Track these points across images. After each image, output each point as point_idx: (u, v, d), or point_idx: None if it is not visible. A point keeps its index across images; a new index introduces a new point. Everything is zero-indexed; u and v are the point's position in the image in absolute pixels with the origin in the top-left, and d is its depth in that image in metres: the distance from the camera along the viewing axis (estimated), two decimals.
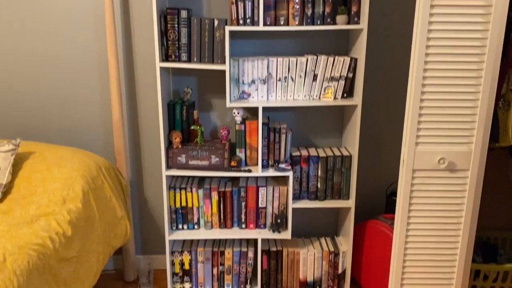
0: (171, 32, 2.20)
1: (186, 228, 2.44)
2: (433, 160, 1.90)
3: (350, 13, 2.19)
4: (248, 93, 2.31)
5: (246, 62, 2.25)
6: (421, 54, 1.78)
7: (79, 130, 2.54)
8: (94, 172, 2.13)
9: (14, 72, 2.45)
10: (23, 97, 2.49)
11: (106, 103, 2.51)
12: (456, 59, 1.79)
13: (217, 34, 2.19)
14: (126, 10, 2.38)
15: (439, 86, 1.82)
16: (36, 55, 2.44)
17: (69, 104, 2.51)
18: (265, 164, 2.36)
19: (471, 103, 1.84)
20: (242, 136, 2.36)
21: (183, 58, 2.24)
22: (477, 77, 1.81)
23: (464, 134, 1.88)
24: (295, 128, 2.56)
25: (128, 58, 2.45)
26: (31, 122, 2.52)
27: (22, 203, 1.83)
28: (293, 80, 2.29)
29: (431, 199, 1.96)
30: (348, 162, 2.36)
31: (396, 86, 2.52)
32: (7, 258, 1.49)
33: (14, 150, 1.99)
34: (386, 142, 2.60)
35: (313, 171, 2.37)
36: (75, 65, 2.45)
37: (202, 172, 2.32)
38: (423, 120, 1.86)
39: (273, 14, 2.18)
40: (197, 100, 2.51)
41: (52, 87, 2.48)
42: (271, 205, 2.41)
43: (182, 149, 2.31)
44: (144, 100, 2.52)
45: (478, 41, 1.76)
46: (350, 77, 2.28)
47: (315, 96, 2.31)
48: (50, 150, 2.18)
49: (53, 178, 1.97)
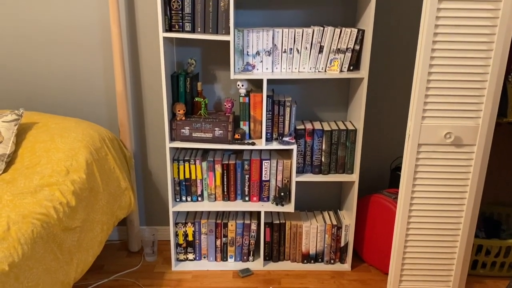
0: (174, 1, 2.15)
1: (189, 200, 2.45)
2: (439, 134, 1.88)
3: None
4: (253, 65, 2.27)
5: (251, 33, 2.21)
6: (430, 27, 1.74)
7: (82, 102, 2.53)
8: (98, 143, 2.12)
9: (17, 44, 2.42)
10: (27, 69, 2.47)
11: (109, 75, 2.48)
12: (466, 31, 1.74)
13: (221, 3, 2.14)
14: None
15: (448, 59, 1.78)
16: (38, 27, 2.40)
17: (72, 75, 2.48)
18: (269, 137, 2.35)
19: (480, 77, 1.80)
20: (246, 108, 2.33)
21: (186, 28, 2.20)
22: (487, 50, 1.76)
23: (471, 109, 1.85)
24: (300, 101, 2.53)
25: (131, 28, 2.41)
26: (35, 93, 2.51)
27: (25, 173, 1.84)
28: (299, 52, 2.25)
29: (435, 173, 1.95)
30: (352, 136, 2.34)
31: (403, 60, 2.46)
32: (11, 226, 1.50)
33: (17, 120, 1.99)
34: (392, 117, 2.57)
35: (317, 145, 2.35)
36: (79, 36, 2.42)
37: (206, 144, 2.31)
38: (430, 94, 1.83)
39: None
40: (201, 71, 2.48)
41: (55, 58, 2.45)
42: (274, 178, 2.40)
43: (186, 121, 2.30)
44: (148, 71, 2.49)
45: (489, 12, 1.71)
46: (357, 50, 2.23)
47: (321, 68, 2.26)
48: (54, 120, 2.17)
49: (57, 149, 1.96)
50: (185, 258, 2.52)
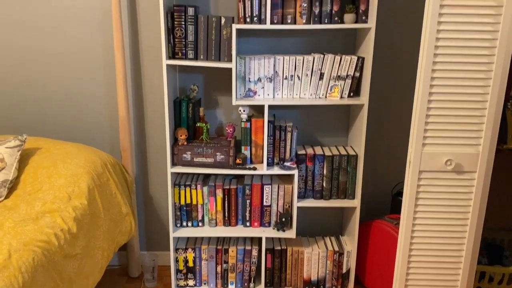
0: (178, 29, 2.19)
1: (190, 226, 2.44)
2: (440, 161, 1.89)
3: (358, 11, 2.17)
4: (254, 91, 2.30)
5: (252, 60, 2.24)
6: (430, 54, 1.76)
7: (85, 126, 2.55)
8: (100, 168, 2.13)
9: (21, 69, 2.46)
10: (30, 93, 2.49)
11: (112, 100, 2.51)
12: (465, 60, 1.77)
13: (224, 32, 2.18)
14: (133, 7, 2.38)
15: (447, 87, 1.80)
16: (43, 52, 2.44)
17: (75, 100, 2.51)
18: (271, 162, 2.36)
19: (479, 104, 1.82)
20: (247, 133, 2.35)
21: (189, 56, 2.23)
22: (486, 78, 1.78)
23: (471, 136, 1.86)
24: (301, 126, 2.55)
25: (135, 55, 2.45)
26: (38, 118, 2.53)
27: (27, 199, 1.84)
28: (300, 79, 2.28)
29: (437, 200, 1.94)
30: (354, 162, 2.35)
31: (403, 86, 2.50)
32: (12, 254, 1.49)
33: (21, 146, 2.00)
34: (393, 142, 2.58)
35: (319, 170, 2.36)
36: (82, 61, 2.45)
37: (207, 169, 2.31)
38: (430, 121, 1.84)
39: (280, 13, 2.16)
40: (203, 97, 2.51)
41: (59, 83, 2.48)
42: (276, 203, 2.40)
43: (188, 146, 2.31)
44: (151, 97, 2.52)
45: (487, 42, 1.74)
46: (357, 76, 2.26)
47: (321, 94, 2.29)
48: (56, 146, 2.19)
49: (59, 174, 1.97)
50: (186, 284, 2.50)
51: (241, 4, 2.15)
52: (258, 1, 2.13)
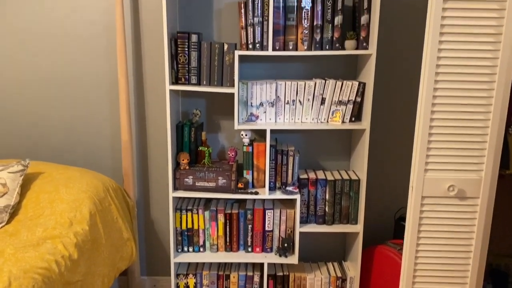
0: (181, 55, 2.22)
1: (191, 251, 2.42)
2: (443, 187, 1.88)
3: (358, 38, 2.20)
4: (256, 115, 2.31)
5: (254, 85, 2.26)
6: (430, 81, 1.78)
7: (88, 150, 2.55)
8: (102, 193, 2.13)
9: (25, 93, 2.48)
10: (34, 117, 2.51)
11: (115, 124, 2.52)
12: (466, 87, 1.78)
13: (226, 58, 2.21)
14: (137, 34, 2.42)
15: (448, 113, 1.81)
16: (47, 76, 2.47)
17: (79, 124, 2.52)
18: (272, 186, 2.35)
19: (481, 130, 1.83)
20: (249, 157, 2.36)
21: (192, 81, 2.26)
22: (487, 105, 1.80)
23: (473, 162, 1.86)
24: (303, 150, 2.55)
25: (138, 80, 2.48)
26: (41, 142, 2.54)
27: (29, 225, 1.83)
28: (301, 104, 2.29)
29: (440, 226, 1.93)
30: (356, 186, 2.34)
31: (405, 111, 2.51)
32: (13, 282, 1.48)
33: (23, 171, 2.00)
34: (395, 167, 2.58)
35: (321, 195, 2.35)
36: (86, 86, 2.48)
37: (209, 194, 2.31)
38: (432, 147, 1.85)
39: (282, 39, 2.19)
40: (205, 121, 2.52)
41: (63, 108, 2.50)
42: (278, 228, 2.39)
43: (190, 171, 2.31)
44: (153, 121, 2.53)
45: (487, 68, 1.76)
46: (358, 101, 2.27)
47: (323, 119, 2.30)
48: (59, 170, 2.19)
49: (61, 200, 1.97)
50: None
51: (244, 31, 2.18)
52: (260, 28, 2.16)
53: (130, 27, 2.41)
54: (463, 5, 1.71)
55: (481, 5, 1.71)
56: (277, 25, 2.17)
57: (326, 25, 2.18)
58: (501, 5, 1.70)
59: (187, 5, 2.37)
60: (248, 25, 2.17)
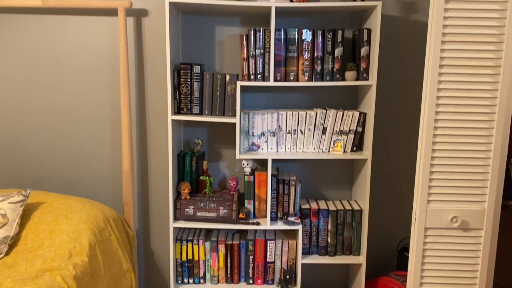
0: (184, 86, 2.25)
1: (192, 282, 2.38)
2: (446, 218, 1.87)
3: (359, 69, 2.23)
4: (258, 145, 2.32)
5: (256, 115, 2.28)
6: (431, 111, 1.79)
7: (89, 179, 2.55)
8: (102, 224, 2.11)
9: (27, 123, 2.50)
10: (36, 147, 2.52)
11: (117, 153, 2.53)
12: (467, 118, 1.79)
13: (228, 88, 2.24)
14: (141, 65, 2.45)
15: (450, 144, 1.82)
16: (50, 106, 2.49)
17: (81, 153, 2.53)
18: (274, 216, 2.34)
19: (482, 161, 1.83)
20: (251, 187, 2.35)
21: (194, 111, 2.27)
22: (488, 136, 1.80)
23: (476, 193, 1.85)
24: (305, 179, 2.54)
25: (141, 110, 2.50)
26: (43, 171, 2.54)
27: (28, 257, 1.81)
28: (303, 133, 2.30)
29: (444, 258, 1.91)
30: (358, 216, 2.32)
31: (406, 141, 2.52)
32: None
33: (24, 201, 2.00)
34: (397, 196, 2.57)
35: (323, 225, 2.33)
36: (89, 116, 2.49)
37: (210, 224, 2.29)
38: (434, 178, 1.84)
39: (283, 70, 2.22)
40: (207, 150, 2.53)
41: (65, 137, 2.51)
42: (279, 259, 2.35)
43: (190, 200, 2.30)
44: (155, 150, 2.54)
45: (487, 100, 1.78)
46: (359, 131, 2.28)
47: (325, 149, 2.31)
48: (59, 200, 2.18)
49: (61, 230, 1.95)
50: None
51: (246, 62, 2.21)
52: (261, 60, 2.20)
53: (134, 58, 2.44)
54: (462, 38, 1.74)
55: (480, 38, 1.74)
56: (278, 57, 2.21)
57: (327, 57, 2.22)
58: (499, 38, 1.73)
59: (190, 37, 2.41)
60: (250, 56, 2.20)
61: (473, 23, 1.73)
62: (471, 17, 1.72)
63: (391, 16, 2.39)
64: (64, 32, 2.42)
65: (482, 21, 1.73)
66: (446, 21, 1.73)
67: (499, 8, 1.71)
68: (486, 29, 1.73)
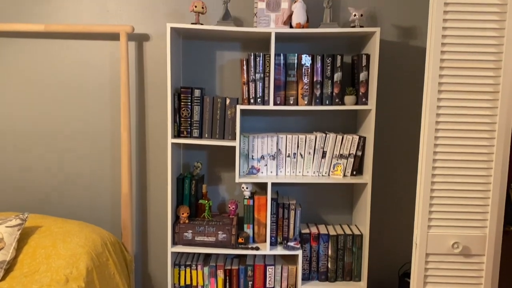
0: (184, 109, 2.26)
1: None
2: (447, 244, 1.85)
3: (358, 93, 2.24)
4: (258, 168, 2.32)
5: (256, 139, 2.28)
6: (430, 136, 1.80)
7: (87, 201, 2.53)
8: (100, 248, 2.09)
9: (26, 145, 2.50)
10: (35, 169, 2.51)
11: (116, 176, 2.52)
12: (466, 143, 1.80)
13: (228, 112, 2.25)
14: (141, 88, 2.47)
15: (450, 169, 1.82)
16: (49, 129, 2.49)
17: (79, 176, 2.52)
18: (274, 241, 2.31)
19: (483, 186, 1.82)
20: (250, 211, 2.33)
21: (194, 134, 2.28)
22: (488, 161, 1.80)
23: (477, 218, 1.84)
24: (305, 203, 2.53)
25: (141, 133, 2.50)
26: (42, 194, 2.52)
27: (23, 282, 1.78)
28: (302, 157, 2.30)
29: (446, 285, 1.88)
30: (359, 241, 2.30)
31: (406, 165, 2.51)
32: None
33: (21, 225, 1.98)
34: (398, 221, 2.55)
35: (323, 250, 2.31)
36: (88, 139, 2.50)
37: (209, 249, 2.26)
38: (434, 203, 1.83)
39: (283, 94, 2.24)
40: (206, 173, 2.52)
41: (64, 160, 2.51)
42: (279, 285, 2.32)
43: (189, 224, 2.28)
44: (154, 174, 2.53)
45: (487, 125, 1.78)
46: (359, 155, 2.28)
47: (324, 172, 2.30)
48: (57, 224, 2.16)
49: (58, 255, 1.93)
50: None
51: (246, 86, 2.23)
52: (261, 84, 2.21)
53: (135, 82, 2.46)
54: (460, 64, 1.76)
55: (478, 64, 1.76)
56: (278, 81, 2.22)
57: (326, 81, 2.23)
58: (497, 65, 1.75)
59: (191, 61, 2.44)
60: (250, 80, 2.22)
61: (471, 49, 1.75)
62: (469, 43, 1.75)
63: (390, 41, 2.42)
64: (66, 56, 2.44)
65: (480, 47, 1.75)
66: (444, 47, 1.75)
67: (496, 35, 1.74)
68: (484, 56, 1.75)
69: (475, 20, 1.74)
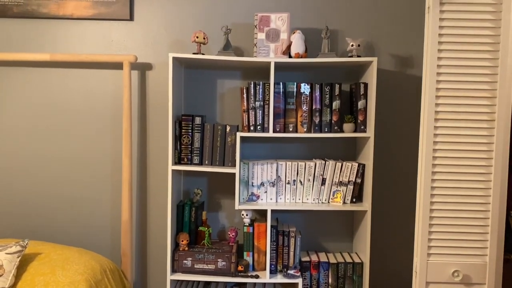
0: (185, 137, 2.29)
1: None
2: (447, 272, 1.84)
3: (356, 121, 2.27)
4: (257, 195, 2.33)
5: (255, 165, 2.30)
6: (428, 163, 1.81)
7: (88, 228, 2.53)
8: (99, 275, 2.08)
9: (26, 171, 2.52)
10: (35, 196, 2.53)
11: (116, 203, 2.53)
12: (464, 171, 1.81)
13: (228, 139, 2.28)
14: (143, 115, 2.51)
15: (448, 196, 1.83)
16: (50, 155, 2.52)
17: (80, 202, 2.53)
18: (274, 269, 2.30)
19: (482, 214, 1.83)
20: (250, 238, 2.33)
21: (195, 161, 2.30)
22: (486, 188, 1.81)
23: (477, 246, 1.84)
24: (305, 230, 2.52)
25: (142, 160, 2.53)
26: (42, 220, 2.53)
27: None
28: (302, 184, 2.32)
29: None
30: (359, 269, 2.28)
31: (405, 192, 2.52)
32: None
33: (21, 251, 1.98)
34: (398, 248, 2.53)
35: (324, 278, 2.29)
36: (89, 165, 2.52)
37: (208, 277, 2.25)
38: (434, 231, 1.83)
39: (282, 122, 2.27)
40: (206, 200, 2.53)
41: (65, 186, 2.52)
42: None
43: (189, 252, 2.27)
44: (154, 200, 2.54)
45: (484, 153, 1.80)
46: (359, 182, 2.29)
47: (324, 199, 2.31)
48: (57, 251, 2.16)
49: (57, 282, 1.92)
50: None
51: (246, 114, 2.27)
52: (261, 112, 2.25)
53: (137, 109, 2.50)
54: (455, 93, 1.80)
55: (473, 94, 1.80)
56: (278, 109, 2.26)
57: (325, 109, 2.27)
58: (492, 86, 1.78)
59: (192, 89, 2.49)
60: (250, 108, 2.26)
61: (465, 79, 1.79)
62: (463, 73, 1.79)
63: (387, 70, 2.47)
64: (70, 84, 2.50)
65: (474, 77, 1.79)
66: (439, 76, 1.79)
67: (490, 65, 1.78)
68: (478, 85, 1.79)
69: (469, 51, 1.79)
